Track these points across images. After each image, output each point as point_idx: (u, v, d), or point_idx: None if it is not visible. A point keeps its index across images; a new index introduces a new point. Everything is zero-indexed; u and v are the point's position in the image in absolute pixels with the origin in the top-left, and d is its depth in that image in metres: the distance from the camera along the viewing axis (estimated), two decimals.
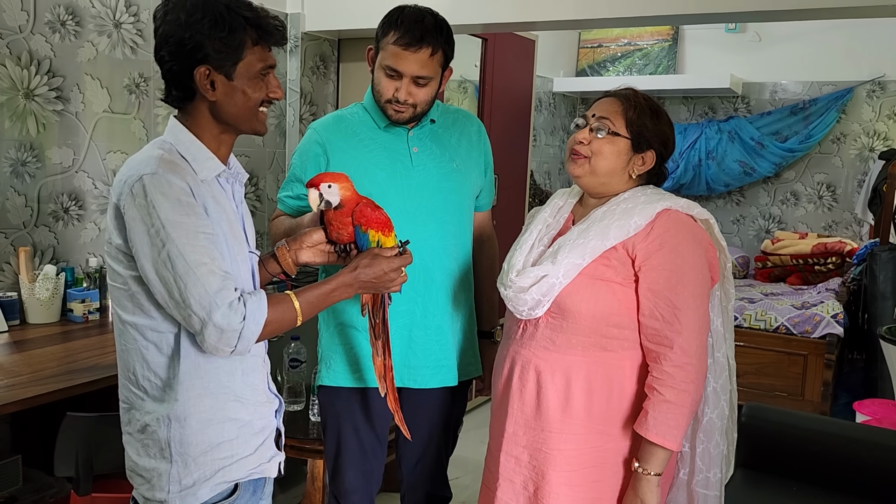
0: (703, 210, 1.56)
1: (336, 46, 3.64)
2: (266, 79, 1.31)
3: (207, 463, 1.30)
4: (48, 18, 2.51)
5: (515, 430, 1.58)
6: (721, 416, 1.60)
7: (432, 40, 1.69)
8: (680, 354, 1.44)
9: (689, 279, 1.46)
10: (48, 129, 2.53)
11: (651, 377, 1.47)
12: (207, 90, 1.27)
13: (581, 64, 5.82)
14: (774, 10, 2.54)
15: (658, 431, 1.43)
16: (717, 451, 1.60)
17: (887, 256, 3.98)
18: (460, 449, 2.12)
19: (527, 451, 1.56)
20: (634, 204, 1.51)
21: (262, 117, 1.34)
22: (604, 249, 1.48)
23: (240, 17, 1.25)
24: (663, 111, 1.58)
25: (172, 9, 1.25)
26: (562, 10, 2.84)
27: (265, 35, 1.29)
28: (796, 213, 5.37)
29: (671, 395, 1.44)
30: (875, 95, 5.04)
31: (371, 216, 1.46)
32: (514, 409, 1.58)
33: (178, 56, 1.25)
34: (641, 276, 1.48)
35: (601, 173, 1.53)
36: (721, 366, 1.60)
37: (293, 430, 2.30)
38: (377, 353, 1.62)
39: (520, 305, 1.53)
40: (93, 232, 2.70)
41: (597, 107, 1.56)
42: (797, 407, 3.83)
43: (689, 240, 1.49)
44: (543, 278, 1.50)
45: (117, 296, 1.30)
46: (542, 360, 1.54)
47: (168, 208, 1.20)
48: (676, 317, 1.45)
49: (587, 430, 1.51)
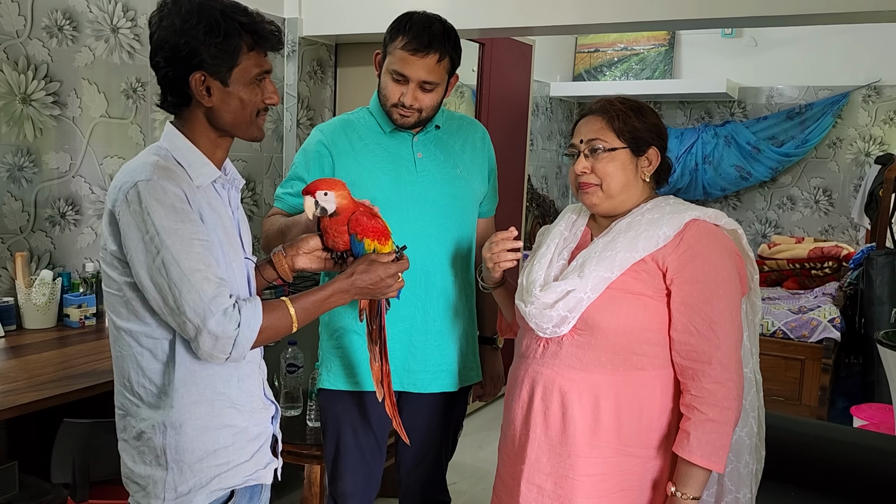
0: (731, 220, 1.50)
1: (333, 51, 3.64)
2: (262, 84, 1.31)
3: (203, 470, 1.30)
4: (45, 23, 2.51)
5: (539, 456, 1.48)
6: (750, 435, 1.53)
7: (440, 46, 1.70)
8: (720, 370, 1.38)
9: (723, 291, 1.40)
10: (45, 134, 2.53)
11: (689, 395, 1.40)
12: (203, 96, 1.27)
13: (578, 69, 5.84)
14: (770, 16, 2.55)
15: (703, 453, 1.36)
16: (747, 471, 1.53)
17: (884, 261, 3.98)
18: (458, 454, 2.11)
19: (551, 478, 1.47)
20: (661, 214, 1.45)
21: (259, 123, 1.34)
22: (633, 262, 1.42)
23: (235, 22, 1.25)
24: (644, 104, 1.51)
25: (168, 14, 1.25)
26: (559, 15, 2.84)
27: (261, 40, 1.29)
28: (793, 217, 5.38)
29: (714, 414, 1.37)
30: (871, 100, 5.06)
31: (367, 225, 1.45)
32: (536, 434, 1.49)
33: (174, 62, 1.25)
34: (674, 289, 1.42)
35: (615, 193, 1.48)
36: (749, 382, 1.52)
37: (290, 435, 2.30)
38: (374, 359, 1.62)
39: (544, 323, 1.45)
40: (89, 237, 2.70)
41: (581, 131, 1.50)
42: (794, 411, 3.83)
43: (720, 250, 1.43)
44: (570, 293, 1.42)
45: (112, 302, 1.30)
46: (567, 381, 1.45)
47: (163, 215, 1.19)
48: (714, 331, 1.38)
49: (616, 453, 1.44)
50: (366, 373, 1.84)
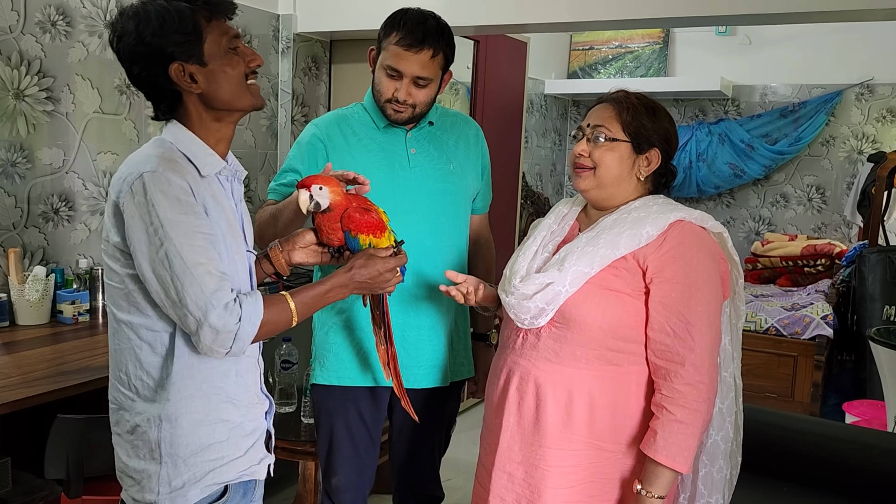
0: (717, 223, 1.49)
1: (328, 48, 3.64)
2: (239, 51, 1.30)
3: (197, 464, 1.30)
4: (38, 18, 2.50)
5: (510, 444, 1.51)
6: (726, 440, 1.53)
7: (434, 42, 1.72)
8: (692, 372, 1.38)
9: (702, 294, 1.40)
10: (38, 130, 2.52)
11: (660, 395, 1.41)
12: (190, 84, 1.26)
13: (572, 66, 5.84)
14: (764, 14, 2.56)
15: (668, 453, 1.37)
16: (721, 476, 1.53)
17: (876, 258, 4.00)
18: (452, 450, 2.12)
19: (521, 467, 1.49)
20: (647, 213, 1.45)
21: (254, 90, 1.33)
22: (613, 259, 1.42)
23: (182, 3, 1.24)
24: (661, 107, 1.52)
25: (120, 31, 1.26)
26: (554, 12, 2.85)
27: (214, 7, 1.27)
28: (786, 215, 5.40)
29: (682, 415, 1.37)
30: (864, 98, 5.08)
31: (360, 220, 1.45)
32: (509, 423, 1.51)
33: (148, 66, 1.25)
34: (653, 288, 1.42)
35: (607, 183, 1.49)
36: (728, 386, 1.52)
37: (285, 431, 2.30)
38: (380, 342, 1.64)
39: (522, 313, 1.46)
40: (83, 233, 2.69)
41: (591, 116, 1.51)
42: (787, 408, 3.85)
43: (703, 253, 1.43)
44: (549, 286, 1.43)
45: (113, 294, 1.30)
46: (542, 372, 1.47)
47: (167, 207, 1.19)
48: (689, 332, 1.39)
49: (587, 447, 1.45)
50: (361, 367, 1.84)
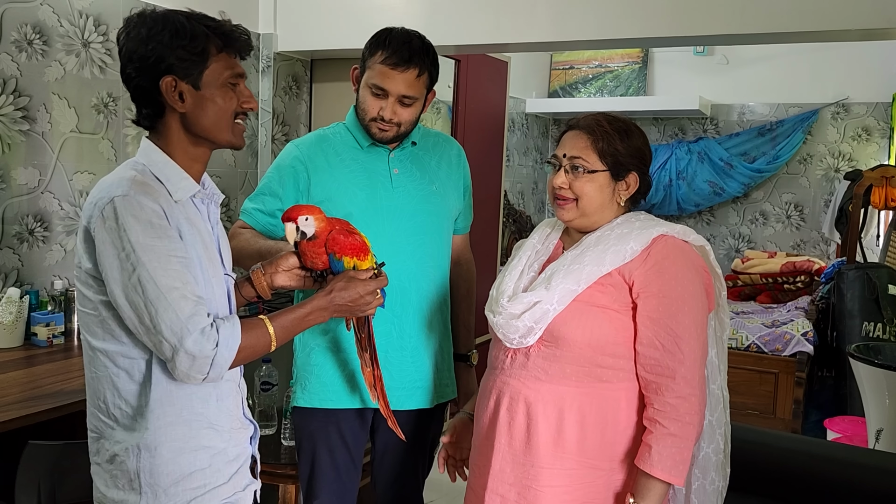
0: (699, 237, 1.51)
1: (309, 67, 3.64)
2: (237, 88, 1.29)
3: (178, 494, 1.27)
4: (14, 37, 2.47)
5: (503, 466, 1.49)
6: (717, 451, 1.54)
7: (419, 62, 1.72)
8: (683, 385, 1.39)
9: (689, 307, 1.42)
10: (13, 150, 2.49)
11: (652, 409, 1.41)
12: (176, 101, 1.25)
13: (553, 85, 5.89)
14: (741, 34, 2.59)
15: (663, 467, 1.37)
16: (713, 488, 1.53)
17: (854, 275, 4.05)
18: (435, 472, 2.09)
19: (514, 488, 1.48)
20: (630, 229, 1.46)
21: (237, 129, 1.32)
22: (599, 275, 1.43)
23: (202, 25, 1.25)
24: (632, 125, 1.52)
25: (134, 27, 1.24)
26: (534, 31, 2.87)
27: (230, 42, 1.28)
28: (765, 232, 5.45)
29: (675, 428, 1.38)
30: (839, 117, 5.16)
31: (344, 243, 1.45)
32: (501, 444, 1.50)
33: (143, 70, 1.24)
34: (640, 303, 1.43)
35: (590, 212, 1.49)
36: (717, 398, 1.53)
37: (265, 454, 2.25)
38: (366, 364, 1.63)
39: (510, 333, 1.46)
40: (58, 254, 2.65)
41: (565, 145, 1.51)
42: (768, 425, 3.86)
43: (687, 266, 1.44)
44: (536, 304, 1.44)
45: (87, 322, 1.27)
46: (532, 392, 1.46)
47: (139, 231, 1.17)
48: (678, 346, 1.40)
49: (579, 465, 1.44)
50: (342, 390, 1.82)
